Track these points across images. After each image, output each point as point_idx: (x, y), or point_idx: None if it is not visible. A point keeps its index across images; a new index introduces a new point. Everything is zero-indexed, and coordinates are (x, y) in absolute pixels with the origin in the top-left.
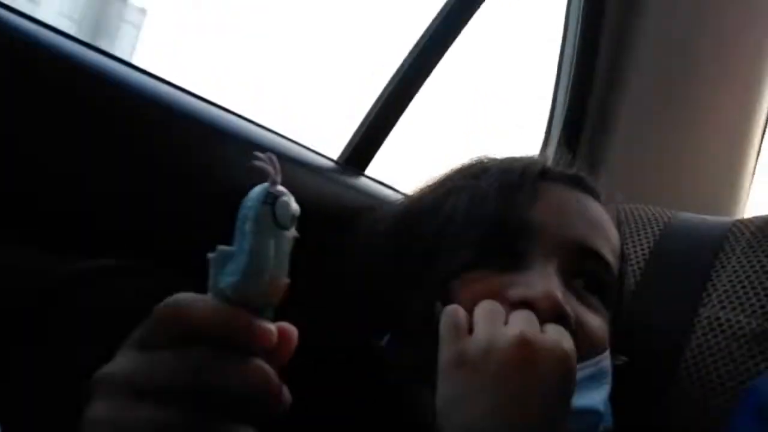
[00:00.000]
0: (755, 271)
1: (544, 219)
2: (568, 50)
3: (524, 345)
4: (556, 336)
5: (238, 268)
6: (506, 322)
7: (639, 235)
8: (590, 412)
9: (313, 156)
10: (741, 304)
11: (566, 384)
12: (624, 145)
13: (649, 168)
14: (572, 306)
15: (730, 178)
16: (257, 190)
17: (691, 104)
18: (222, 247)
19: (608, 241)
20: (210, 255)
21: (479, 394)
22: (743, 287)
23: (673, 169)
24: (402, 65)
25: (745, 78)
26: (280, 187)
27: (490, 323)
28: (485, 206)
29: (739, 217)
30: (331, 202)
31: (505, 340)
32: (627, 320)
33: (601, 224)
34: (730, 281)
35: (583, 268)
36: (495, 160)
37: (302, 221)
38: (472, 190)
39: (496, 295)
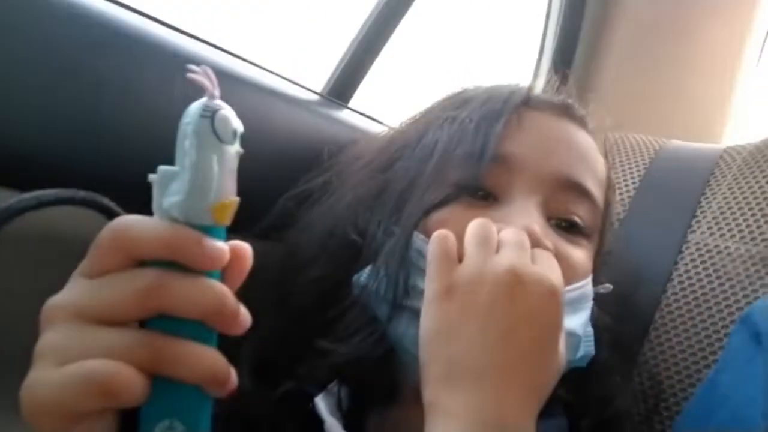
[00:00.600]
0: (745, 198)
1: (526, 152)
2: None
3: (514, 278)
4: (546, 268)
5: (182, 187)
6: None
7: (629, 163)
8: (569, 334)
9: (296, 88)
10: (730, 230)
11: (555, 318)
12: (614, 74)
13: (638, 96)
14: (553, 240)
15: (718, 108)
16: (195, 105)
17: (681, 33)
18: (164, 167)
19: (593, 173)
20: (151, 176)
21: (467, 326)
22: (732, 213)
23: (663, 97)
24: None
25: (734, 7)
26: (219, 102)
27: (482, 250)
28: (464, 140)
29: (726, 144)
30: (315, 135)
31: (495, 272)
32: (616, 247)
33: (587, 155)
34: (720, 208)
35: (567, 203)
36: (479, 88)
37: (286, 153)
38: (452, 123)
39: None
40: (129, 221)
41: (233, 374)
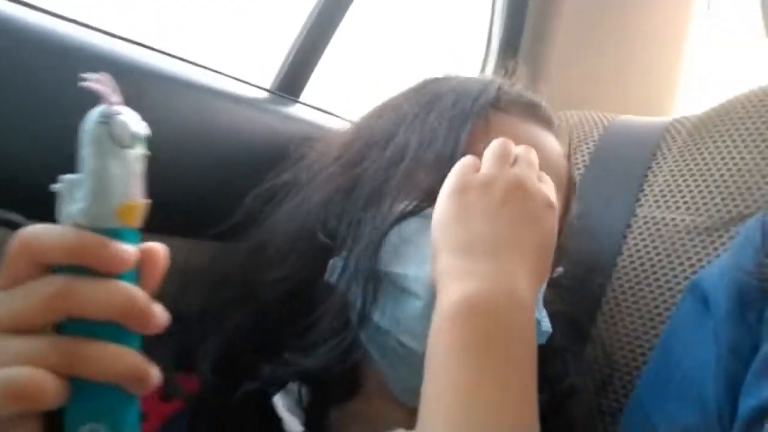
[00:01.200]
0: (689, 169)
1: None
2: None
3: (522, 186)
4: (548, 189)
5: (85, 193)
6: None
7: (580, 139)
8: None
9: (242, 86)
10: (675, 201)
11: (552, 228)
12: (563, 54)
13: (587, 75)
14: None
15: (665, 81)
16: (93, 111)
17: (624, 11)
18: (67, 176)
19: (556, 178)
20: (55, 186)
21: (481, 214)
22: (678, 185)
23: (610, 75)
24: None
25: None
26: (118, 107)
27: (498, 161)
28: (435, 143)
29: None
30: (266, 133)
31: (507, 178)
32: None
33: (551, 162)
34: (666, 180)
35: None
36: (449, 81)
37: (238, 153)
38: (423, 123)
39: None
40: (35, 230)
41: (153, 372)
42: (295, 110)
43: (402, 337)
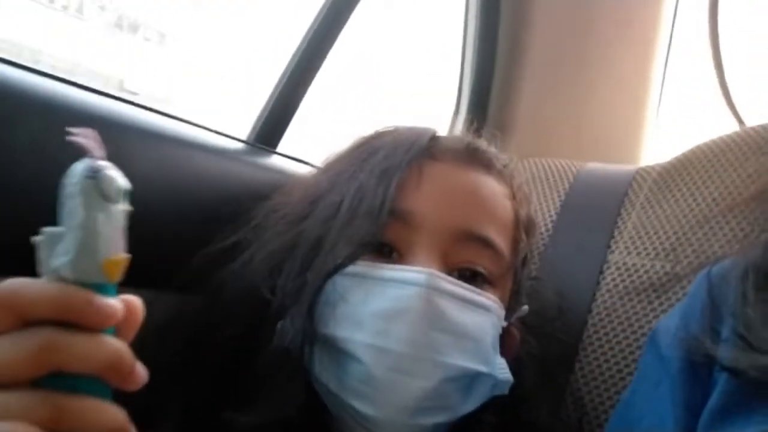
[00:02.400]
0: (657, 216)
1: (425, 208)
2: (471, 24)
3: None
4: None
5: (69, 246)
6: None
7: (551, 188)
8: (482, 375)
9: (219, 138)
10: (645, 248)
11: None
12: (530, 107)
13: (554, 126)
14: (458, 284)
15: (630, 129)
16: (79, 165)
17: (590, 63)
18: (49, 229)
19: (496, 220)
20: (36, 238)
21: None
22: (647, 232)
23: (578, 125)
24: (306, 35)
25: (641, 33)
26: (103, 162)
27: None
28: (366, 198)
29: (643, 163)
30: (243, 183)
31: None
32: (541, 272)
33: (489, 203)
34: (635, 227)
35: (469, 252)
36: (387, 134)
37: (214, 204)
38: (356, 180)
39: None
40: (18, 283)
41: (132, 428)
42: (272, 160)
43: (344, 395)
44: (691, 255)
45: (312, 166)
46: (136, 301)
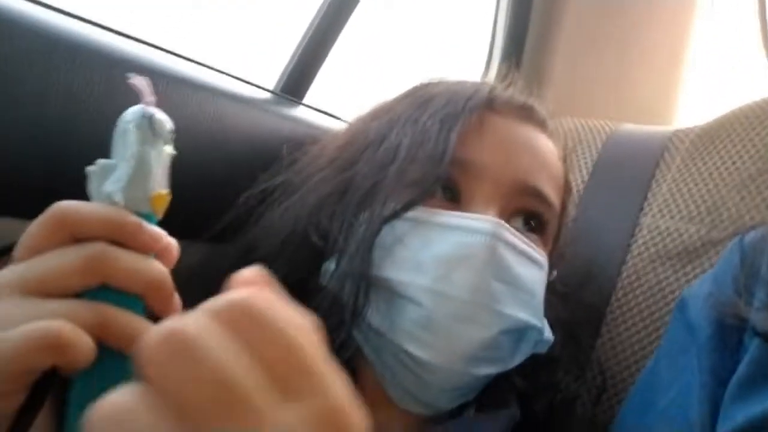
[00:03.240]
0: (693, 179)
1: (486, 158)
2: None
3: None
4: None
5: (122, 175)
6: None
7: (583, 148)
8: (530, 327)
9: (247, 87)
10: (680, 211)
11: None
12: (566, 60)
13: (588, 82)
14: (520, 236)
15: (667, 88)
16: (134, 108)
17: (628, 19)
18: (102, 160)
19: (552, 178)
20: (90, 168)
21: None
22: (682, 195)
23: (614, 82)
24: None
25: None
26: (155, 108)
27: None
28: (427, 143)
29: (674, 125)
30: (268, 134)
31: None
32: (572, 236)
33: (546, 161)
34: (669, 190)
35: (526, 206)
36: (442, 84)
37: (239, 154)
38: (415, 125)
39: None
40: (73, 203)
41: None
42: (298, 112)
43: (398, 339)
44: (726, 220)
45: (338, 119)
46: (173, 241)
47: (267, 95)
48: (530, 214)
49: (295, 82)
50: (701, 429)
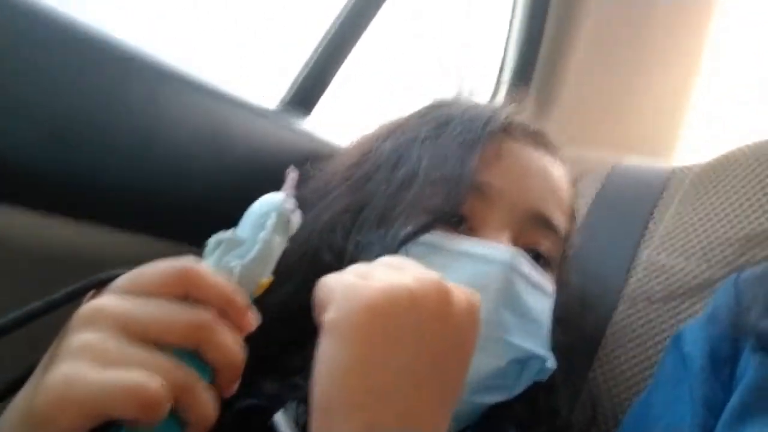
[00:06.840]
0: (691, 218)
1: (503, 184)
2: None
3: (446, 298)
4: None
5: (247, 253)
6: None
7: (586, 180)
8: (534, 357)
9: (254, 100)
10: (678, 248)
11: (472, 349)
12: (574, 88)
13: (595, 110)
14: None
15: (671, 121)
16: (277, 195)
17: (637, 49)
18: (233, 233)
19: (561, 206)
20: (221, 236)
21: (394, 356)
22: (680, 232)
23: (620, 111)
24: (347, 4)
25: (691, 23)
26: (293, 202)
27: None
28: (446, 166)
29: (676, 157)
30: (275, 148)
31: (428, 287)
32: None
33: (559, 188)
34: (669, 227)
35: (537, 242)
36: (456, 105)
37: (244, 166)
38: (434, 146)
39: None
40: (202, 266)
41: None
42: (306, 126)
43: None
44: (722, 261)
45: (344, 133)
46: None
47: (275, 108)
48: (540, 245)
49: (304, 97)
50: None
